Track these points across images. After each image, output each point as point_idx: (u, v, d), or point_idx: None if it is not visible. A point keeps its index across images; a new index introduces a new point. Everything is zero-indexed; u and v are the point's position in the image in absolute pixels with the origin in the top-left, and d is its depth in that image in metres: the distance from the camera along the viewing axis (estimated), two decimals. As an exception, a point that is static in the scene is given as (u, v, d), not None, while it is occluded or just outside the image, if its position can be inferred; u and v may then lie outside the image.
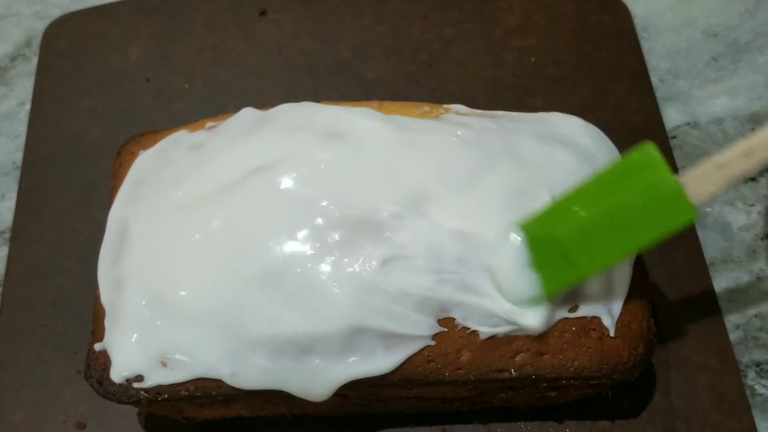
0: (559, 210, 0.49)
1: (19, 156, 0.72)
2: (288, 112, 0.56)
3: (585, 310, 0.51)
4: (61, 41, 0.77)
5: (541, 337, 0.50)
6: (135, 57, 0.76)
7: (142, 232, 0.53)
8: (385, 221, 0.50)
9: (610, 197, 0.47)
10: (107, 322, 0.52)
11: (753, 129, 0.72)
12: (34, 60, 0.77)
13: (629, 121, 0.70)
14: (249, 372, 0.49)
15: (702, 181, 0.45)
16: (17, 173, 0.71)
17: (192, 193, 0.52)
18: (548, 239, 0.48)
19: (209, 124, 0.58)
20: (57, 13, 0.80)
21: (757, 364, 0.61)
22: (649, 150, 0.46)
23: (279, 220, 0.50)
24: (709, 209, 0.68)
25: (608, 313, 0.51)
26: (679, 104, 0.74)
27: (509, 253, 0.49)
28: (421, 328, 0.49)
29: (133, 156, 0.58)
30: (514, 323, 0.49)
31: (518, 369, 0.50)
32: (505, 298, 0.49)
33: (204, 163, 0.54)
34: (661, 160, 0.45)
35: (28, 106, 0.74)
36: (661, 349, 0.59)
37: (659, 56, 0.77)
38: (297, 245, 0.49)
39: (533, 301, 0.49)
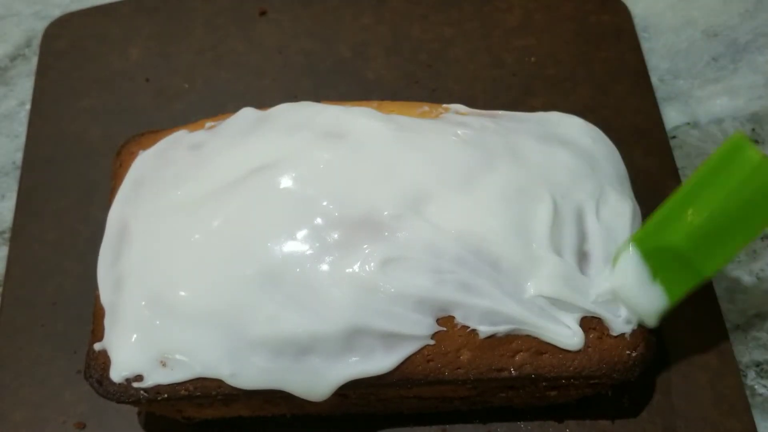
0: (668, 219, 0.49)
1: (19, 156, 0.72)
2: (288, 112, 0.56)
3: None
4: (61, 41, 0.77)
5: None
6: (135, 57, 0.76)
7: (141, 232, 0.53)
8: (384, 221, 0.50)
9: (715, 195, 0.47)
10: (107, 322, 0.52)
11: (753, 129, 0.72)
12: (34, 60, 0.77)
13: (629, 121, 0.70)
14: (249, 372, 0.49)
15: None
16: (17, 173, 0.71)
17: (192, 193, 0.52)
18: (664, 249, 0.49)
19: (209, 124, 0.58)
20: (57, 13, 0.80)
21: (757, 364, 0.61)
22: (739, 140, 0.46)
23: (279, 220, 0.50)
24: (709, 209, 0.68)
25: (609, 312, 0.51)
26: (679, 104, 0.74)
27: (630, 271, 0.50)
28: (420, 328, 0.49)
29: (133, 156, 0.58)
30: (556, 344, 0.50)
31: (518, 368, 0.50)
32: (634, 314, 0.51)
33: (204, 163, 0.54)
34: (753, 148, 0.46)
35: (28, 106, 0.75)
36: (661, 349, 0.59)
37: (659, 56, 0.77)
38: (297, 245, 0.49)
39: (660, 311, 0.50)
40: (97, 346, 0.52)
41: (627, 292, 0.50)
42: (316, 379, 0.49)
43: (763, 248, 0.66)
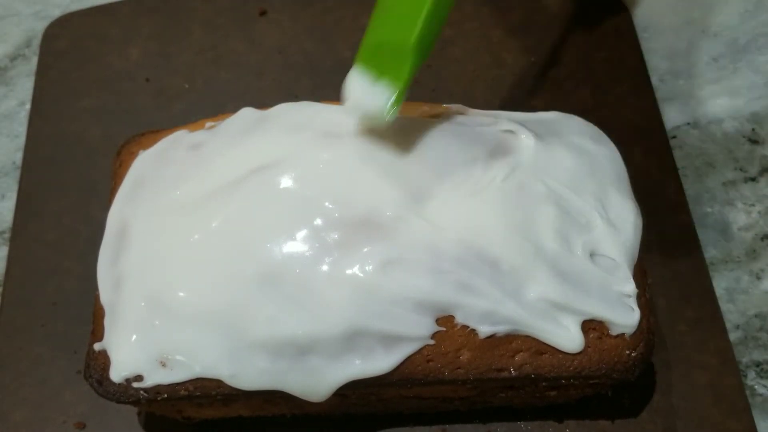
0: (372, 27, 0.51)
1: (19, 156, 0.72)
2: (288, 112, 0.56)
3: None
4: (61, 41, 0.77)
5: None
6: (135, 57, 0.76)
7: (141, 232, 0.53)
8: (384, 222, 0.50)
9: None
10: (107, 322, 0.52)
11: (753, 129, 0.72)
12: (34, 60, 0.77)
13: (629, 121, 0.70)
14: (248, 373, 0.49)
15: None
16: (17, 173, 0.71)
17: (191, 193, 0.52)
18: (374, 48, 0.51)
19: (209, 124, 0.58)
20: (57, 13, 0.80)
21: (757, 364, 0.61)
22: None
23: (278, 220, 0.50)
24: (709, 209, 0.68)
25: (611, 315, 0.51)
26: (679, 104, 0.74)
27: (356, 86, 0.50)
28: (420, 328, 0.49)
29: (133, 156, 0.58)
30: (555, 346, 0.50)
31: (518, 368, 0.50)
32: (368, 118, 0.51)
33: (204, 163, 0.54)
34: None
35: (28, 106, 0.75)
36: (661, 349, 0.59)
37: (659, 56, 0.76)
38: (296, 246, 0.49)
39: (390, 101, 0.50)
40: (97, 346, 0.52)
41: (358, 104, 0.50)
42: (316, 380, 0.49)
43: (763, 248, 0.66)
